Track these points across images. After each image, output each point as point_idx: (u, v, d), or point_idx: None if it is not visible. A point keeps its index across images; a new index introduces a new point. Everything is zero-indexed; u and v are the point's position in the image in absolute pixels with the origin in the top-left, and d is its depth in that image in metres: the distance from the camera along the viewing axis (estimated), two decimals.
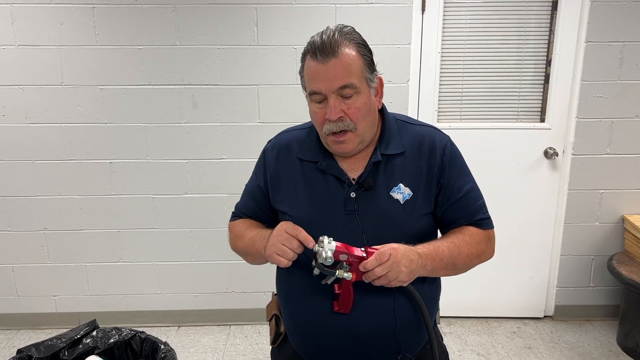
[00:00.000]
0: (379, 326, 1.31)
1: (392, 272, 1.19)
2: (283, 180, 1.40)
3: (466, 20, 2.78)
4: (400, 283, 1.21)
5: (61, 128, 2.81)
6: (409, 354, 1.36)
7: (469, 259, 1.34)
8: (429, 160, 1.34)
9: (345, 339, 1.32)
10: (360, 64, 1.25)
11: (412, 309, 1.32)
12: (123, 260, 3.00)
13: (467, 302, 3.12)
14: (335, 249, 1.17)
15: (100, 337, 1.76)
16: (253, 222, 1.49)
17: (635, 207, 2.96)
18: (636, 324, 2.71)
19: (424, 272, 1.26)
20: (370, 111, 1.29)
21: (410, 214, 1.32)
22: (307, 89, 1.30)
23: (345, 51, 1.23)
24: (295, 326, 1.40)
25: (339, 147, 1.30)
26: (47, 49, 2.71)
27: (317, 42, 1.24)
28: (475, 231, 1.37)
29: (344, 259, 1.18)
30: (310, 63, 1.26)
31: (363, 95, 1.26)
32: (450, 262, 1.30)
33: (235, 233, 1.48)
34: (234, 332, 3.02)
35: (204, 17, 2.69)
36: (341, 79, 1.23)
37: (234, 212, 1.55)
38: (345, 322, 1.31)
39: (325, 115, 1.26)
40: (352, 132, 1.27)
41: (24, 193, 2.89)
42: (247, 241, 1.41)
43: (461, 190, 1.36)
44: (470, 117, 2.91)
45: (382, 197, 1.32)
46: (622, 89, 2.80)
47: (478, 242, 1.36)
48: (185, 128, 2.83)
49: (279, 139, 1.47)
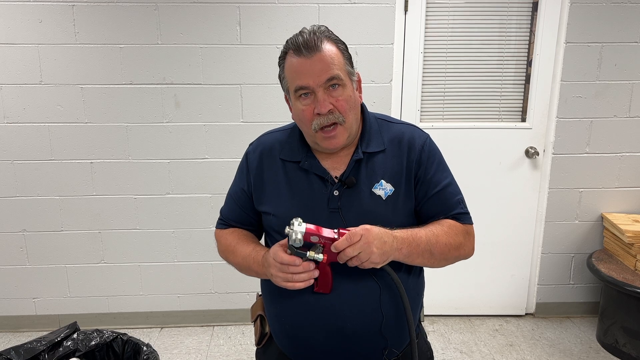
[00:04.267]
0: (366, 323, 1.32)
1: (364, 253, 1.19)
2: (266, 181, 1.40)
3: (448, 21, 2.80)
4: (373, 264, 1.21)
5: (40, 127, 2.77)
6: (396, 349, 1.37)
7: (447, 249, 1.33)
8: (408, 155, 1.37)
9: (332, 337, 1.33)
10: (342, 58, 1.29)
11: (397, 304, 1.33)
12: (104, 262, 2.97)
13: (449, 301, 3.14)
14: (306, 231, 1.18)
15: (81, 340, 1.74)
16: (241, 233, 1.49)
17: (614, 205, 3.01)
18: (615, 320, 2.76)
19: (399, 255, 1.26)
20: (355, 104, 1.32)
21: (392, 209, 1.34)
22: (291, 87, 1.30)
23: (327, 46, 1.27)
24: (281, 326, 1.40)
25: (329, 142, 1.30)
26: (25, 47, 2.67)
27: (299, 40, 1.26)
28: (454, 224, 1.38)
29: (315, 240, 1.20)
30: (293, 60, 1.28)
31: (348, 88, 1.29)
32: (428, 249, 1.30)
33: (226, 246, 1.47)
34: (217, 333, 3.01)
35: (186, 16, 2.68)
36: (327, 71, 1.25)
37: (221, 219, 1.54)
38: (332, 321, 1.31)
39: (313, 110, 1.27)
40: (341, 125, 1.29)
41: (2, 194, 2.84)
42: (240, 259, 1.41)
43: (439, 184, 1.38)
44: (453, 117, 2.93)
45: (364, 194, 1.33)
46: (601, 89, 2.85)
47: (456, 233, 1.36)
48: (167, 128, 2.81)
49: (261, 141, 1.47)
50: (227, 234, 1.49)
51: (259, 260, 1.34)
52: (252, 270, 1.38)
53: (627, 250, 2.76)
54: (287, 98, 1.38)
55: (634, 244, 2.71)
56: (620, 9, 2.75)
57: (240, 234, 1.48)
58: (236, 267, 1.46)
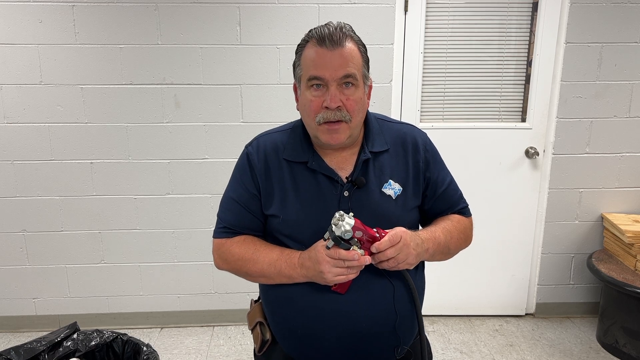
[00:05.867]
0: (380, 323, 1.32)
1: (402, 254, 1.23)
2: (274, 183, 1.36)
3: (448, 21, 2.80)
4: (408, 265, 1.26)
5: (40, 128, 2.77)
6: (405, 345, 1.38)
7: (459, 244, 1.43)
8: (414, 156, 1.39)
9: (345, 338, 1.32)
10: (361, 59, 1.31)
11: (408, 301, 1.34)
12: (104, 262, 2.97)
13: (450, 301, 3.14)
14: (355, 224, 1.18)
15: (81, 340, 1.74)
16: (256, 240, 1.40)
17: (614, 205, 3.01)
18: (615, 320, 2.76)
19: (426, 255, 1.33)
20: (363, 108, 1.32)
21: (402, 208, 1.36)
22: (305, 75, 1.29)
23: (350, 44, 1.28)
24: (291, 332, 1.37)
25: (330, 136, 1.29)
26: (25, 47, 2.67)
27: (325, 31, 1.26)
28: (461, 218, 1.46)
29: (359, 235, 1.19)
30: (314, 49, 1.27)
31: (360, 90, 1.30)
32: (446, 246, 1.38)
33: (240, 256, 1.37)
34: (217, 333, 3.01)
35: (186, 16, 2.68)
36: (345, 68, 1.26)
37: (226, 227, 1.42)
38: (346, 322, 1.31)
39: (321, 103, 1.27)
40: (346, 123, 1.28)
41: (3, 194, 2.84)
42: (266, 266, 1.33)
43: (444, 182, 1.44)
44: (453, 117, 2.93)
45: (374, 194, 1.34)
46: (601, 89, 2.85)
47: (465, 227, 1.46)
48: (167, 128, 2.81)
49: (261, 141, 1.42)
50: (237, 242, 1.39)
51: (294, 262, 1.29)
52: (282, 274, 1.31)
53: (627, 251, 2.76)
54: (295, 87, 1.37)
55: (634, 244, 2.71)
56: (620, 9, 2.75)
57: (255, 240, 1.39)
58: (254, 276, 1.38)
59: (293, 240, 1.34)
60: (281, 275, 1.32)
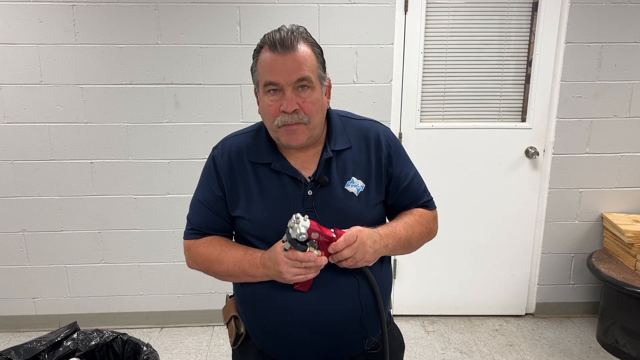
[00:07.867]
0: (347, 316, 1.36)
1: (359, 253, 1.25)
2: (239, 185, 1.39)
3: (448, 21, 2.80)
4: (367, 263, 1.28)
5: (40, 128, 2.77)
6: (373, 337, 1.41)
7: (421, 237, 1.44)
8: (377, 152, 1.41)
9: (315, 333, 1.35)
10: (315, 61, 1.31)
11: (372, 293, 1.37)
12: (104, 262, 2.97)
13: (449, 301, 3.14)
14: (310, 226, 1.19)
15: (81, 340, 1.74)
16: (222, 240, 1.44)
17: (614, 205, 3.01)
18: (615, 320, 2.76)
19: (386, 251, 1.34)
20: (322, 108, 1.34)
21: (365, 205, 1.38)
22: (261, 81, 1.32)
23: (303, 47, 1.28)
24: (261, 326, 1.41)
25: (290, 138, 1.31)
26: (25, 47, 2.67)
27: (276, 36, 1.28)
28: (424, 212, 1.48)
29: (315, 237, 1.21)
30: (267, 55, 1.29)
31: (317, 91, 1.31)
32: (407, 240, 1.39)
33: (207, 256, 1.42)
34: (217, 333, 3.01)
35: (186, 16, 2.68)
36: (299, 72, 1.26)
37: (193, 229, 1.46)
38: (315, 318, 1.34)
39: (279, 107, 1.28)
40: (305, 124, 1.30)
41: (2, 194, 2.84)
42: (231, 266, 1.38)
43: (407, 177, 1.45)
44: (453, 117, 2.93)
45: (338, 192, 1.36)
46: (600, 89, 2.85)
47: (428, 221, 1.47)
48: (167, 128, 2.81)
49: (227, 144, 1.45)
50: (204, 243, 1.43)
51: (256, 262, 1.32)
52: (246, 274, 1.36)
53: (627, 250, 2.76)
54: (256, 91, 1.39)
55: (634, 244, 2.71)
56: (620, 9, 2.75)
57: (222, 241, 1.43)
58: (221, 276, 1.42)
59: (260, 241, 1.37)
60: (245, 275, 1.36)
